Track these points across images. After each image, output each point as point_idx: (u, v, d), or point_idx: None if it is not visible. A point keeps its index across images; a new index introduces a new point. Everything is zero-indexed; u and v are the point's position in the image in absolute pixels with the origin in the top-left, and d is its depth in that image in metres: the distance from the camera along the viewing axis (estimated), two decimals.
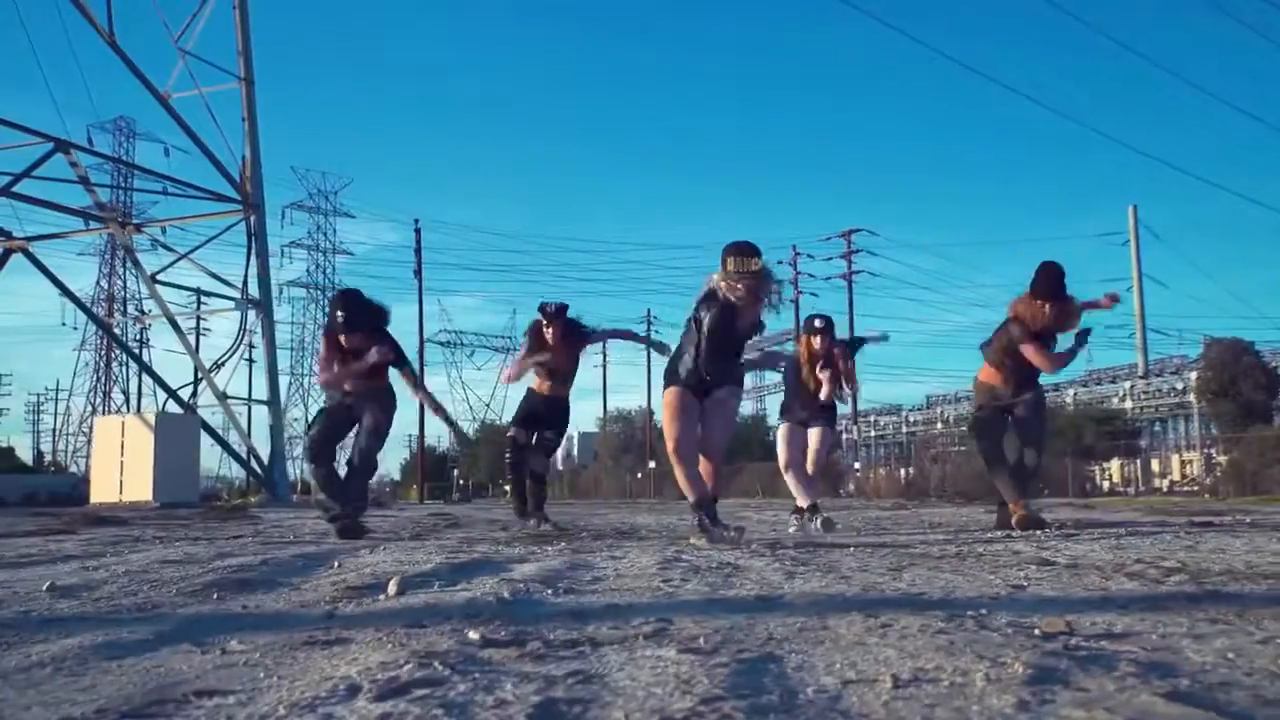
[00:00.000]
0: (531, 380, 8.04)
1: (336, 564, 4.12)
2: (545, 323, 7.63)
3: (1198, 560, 3.91)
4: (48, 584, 3.17)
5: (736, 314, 5.44)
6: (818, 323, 7.40)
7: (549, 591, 2.97)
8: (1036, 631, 2.06)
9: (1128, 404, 46.16)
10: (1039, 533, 6.05)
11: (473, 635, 2.04)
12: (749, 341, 5.86)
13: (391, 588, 3.00)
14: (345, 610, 2.62)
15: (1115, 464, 43.45)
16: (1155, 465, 43.39)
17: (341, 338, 6.28)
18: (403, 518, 11.54)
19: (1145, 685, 1.52)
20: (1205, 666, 1.70)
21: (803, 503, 7.35)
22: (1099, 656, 1.78)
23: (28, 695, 1.61)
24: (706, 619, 2.31)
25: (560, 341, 7.62)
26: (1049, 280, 6.56)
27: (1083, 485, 36.28)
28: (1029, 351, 6.60)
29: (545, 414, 7.95)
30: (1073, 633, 2.05)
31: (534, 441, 8.01)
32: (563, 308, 7.74)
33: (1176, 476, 40.48)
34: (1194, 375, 40.87)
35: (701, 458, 5.67)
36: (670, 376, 5.73)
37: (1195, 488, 32.70)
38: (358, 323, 6.28)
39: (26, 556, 4.82)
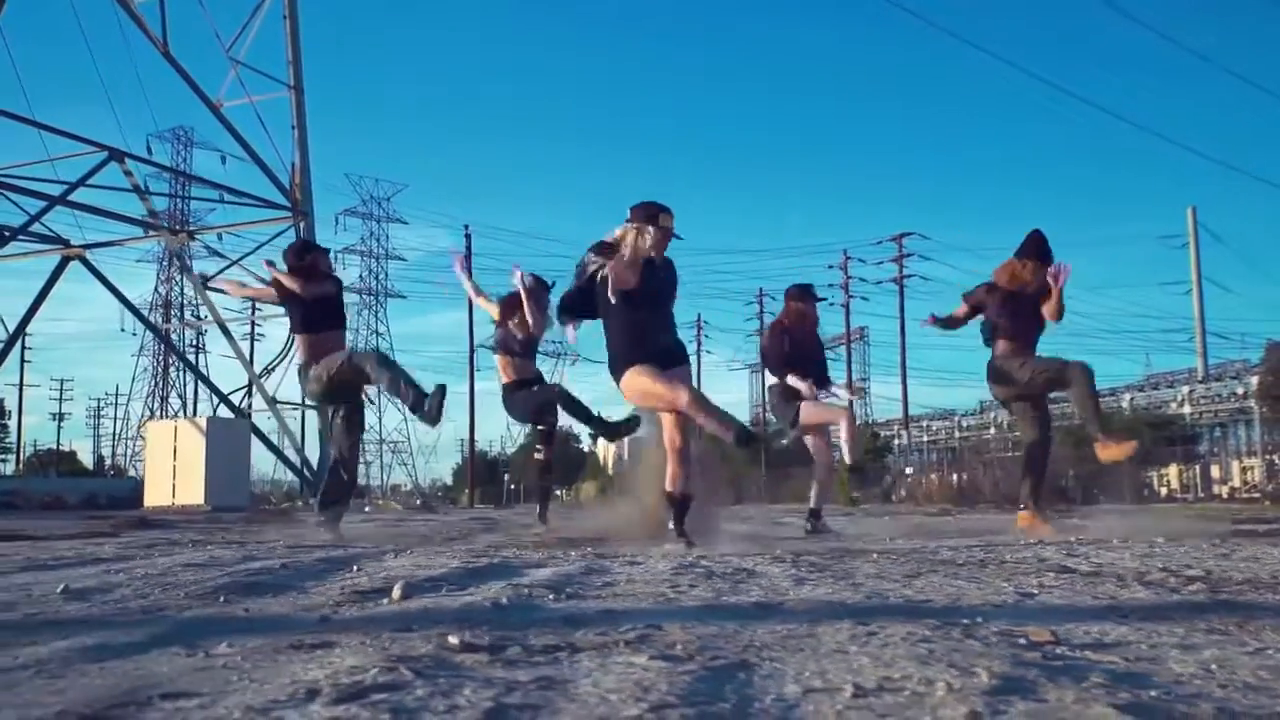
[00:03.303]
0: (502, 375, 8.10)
1: (355, 568, 4.16)
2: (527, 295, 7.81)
3: (1224, 569, 3.82)
4: (62, 586, 3.22)
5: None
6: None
7: (551, 597, 2.97)
8: (1022, 641, 2.03)
9: (1186, 409, 45.29)
10: (1072, 540, 5.95)
11: (453, 640, 2.04)
12: None
13: (395, 592, 3.02)
14: (343, 614, 2.64)
15: (1173, 470, 42.66)
16: (1215, 471, 42.55)
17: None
18: (442, 522, 11.64)
19: (1108, 696, 1.48)
20: (1181, 678, 1.66)
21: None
22: (1074, 667, 1.75)
23: None
24: (696, 625, 2.30)
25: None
26: (1031, 241, 6.98)
27: (1140, 491, 35.68)
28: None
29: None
30: (1059, 642, 2.01)
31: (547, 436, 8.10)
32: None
33: (1237, 483, 39.64)
34: (1255, 380, 40.04)
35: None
36: (628, 357, 5.44)
37: (1256, 494, 32.03)
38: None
39: (60, 559, 4.91)
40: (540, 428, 8.24)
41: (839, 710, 1.45)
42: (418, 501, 48.55)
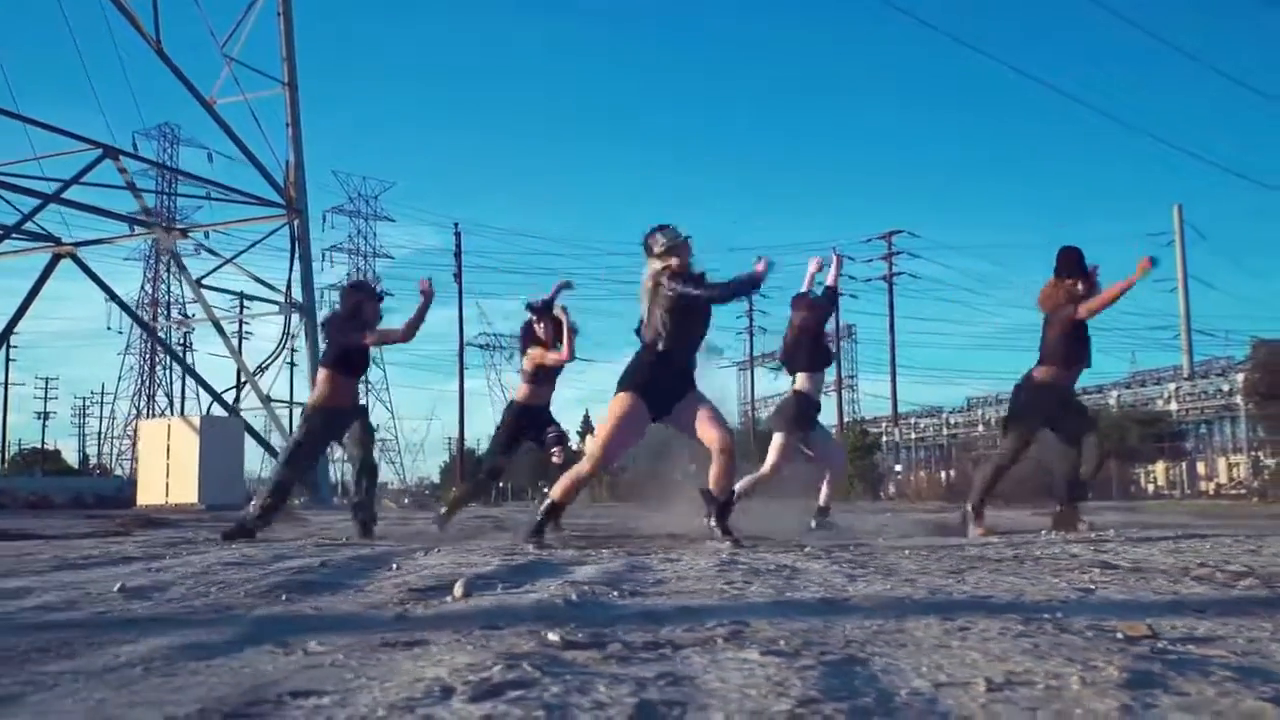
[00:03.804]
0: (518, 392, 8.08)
1: (395, 566, 4.15)
2: (536, 320, 7.72)
3: (1263, 564, 3.85)
4: (118, 585, 3.21)
5: None
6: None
7: (614, 594, 2.97)
8: (1118, 635, 2.04)
9: (1172, 406, 45.49)
10: (1093, 535, 6.01)
11: (552, 637, 2.04)
12: None
13: (458, 590, 3.01)
14: (416, 612, 2.64)
15: (1160, 467, 42.93)
16: (1201, 468, 42.81)
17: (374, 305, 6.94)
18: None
19: (1248, 690, 1.50)
20: None
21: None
22: (1188, 661, 1.76)
23: (123, 695, 1.63)
24: (782, 621, 2.31)
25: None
26: (1073, 259, 6.77)
27: (1127, 488, 35.92)
28: (1089, 308, 6.62)
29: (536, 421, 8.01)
30: (1156, 636, 2.03)
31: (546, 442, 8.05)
32: (550, 303, 7.81)
33: (1223, 480, 39.91)
34: (1241, 377, 40.26)
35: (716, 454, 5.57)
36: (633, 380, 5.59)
37: (1243, 491, 32.24)
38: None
39: (89, 558, 4.89)
40: (551, 433, 8.20)
41: (981, 704, 1.46)
42: (405, 501, 48.46)
